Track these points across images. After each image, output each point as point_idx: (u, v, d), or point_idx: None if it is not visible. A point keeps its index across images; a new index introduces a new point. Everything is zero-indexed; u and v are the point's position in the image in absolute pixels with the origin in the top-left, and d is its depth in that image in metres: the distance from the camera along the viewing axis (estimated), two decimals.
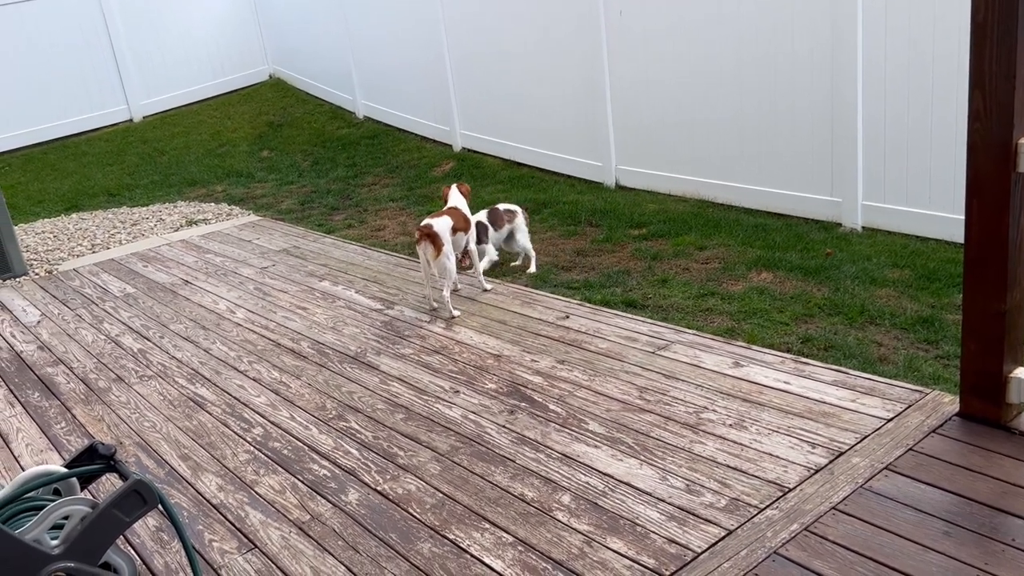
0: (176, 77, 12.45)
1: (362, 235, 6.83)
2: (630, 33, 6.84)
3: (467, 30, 8.62)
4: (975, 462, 2.72)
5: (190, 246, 6.83)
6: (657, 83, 6.76)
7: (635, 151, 7.12)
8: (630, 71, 6.93)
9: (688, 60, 6.46)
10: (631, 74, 6.94)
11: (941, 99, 5.02)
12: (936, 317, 4.26)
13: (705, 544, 2.53)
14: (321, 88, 11.98)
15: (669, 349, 3.86)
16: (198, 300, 5.43)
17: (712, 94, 6.36)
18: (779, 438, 3.03)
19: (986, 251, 2.74)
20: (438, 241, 4.54)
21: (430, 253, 4.56)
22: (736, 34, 6.07)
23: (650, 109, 6.88)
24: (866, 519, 2.52)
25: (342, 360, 4.21)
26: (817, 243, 5.44)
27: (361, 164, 9.42)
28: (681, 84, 6.57)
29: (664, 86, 6.71)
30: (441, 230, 4.57)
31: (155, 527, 2.98)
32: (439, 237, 4.55)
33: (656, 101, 6.82)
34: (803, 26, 5.65)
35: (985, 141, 2.64)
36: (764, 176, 6.15)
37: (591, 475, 2.96)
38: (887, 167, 5.43)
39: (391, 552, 2.68)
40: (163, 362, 4.48)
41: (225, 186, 9.21)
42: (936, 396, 3.14)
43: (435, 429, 3.42)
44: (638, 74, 6.89)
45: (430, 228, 4.55)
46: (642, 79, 6.87)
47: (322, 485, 3.12)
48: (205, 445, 3.53)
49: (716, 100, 6.35)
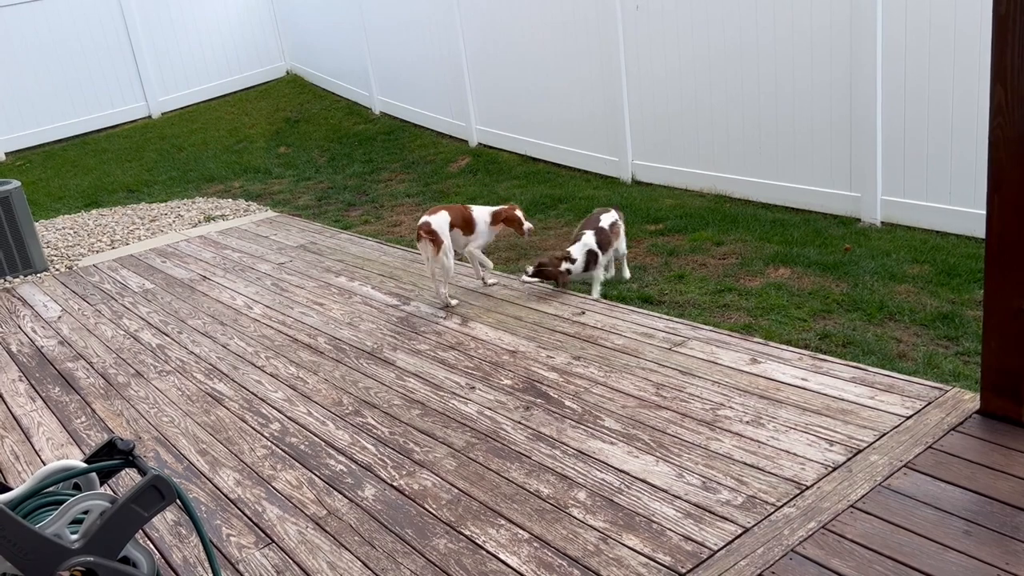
0: (194, 74, 12.53)
1: (378, 231, 6.84)
2: (646, 27, 6.80)
3: (483, 24, 8.60)
4: (996, 460, 2.69)
5: (208, 242, 6.87)
6: (674, 78, 6.72)
7: (651, 146, 7.09)
8: (646, 65, 6.90)
9: (705, 55, 6.41)
10: (647, 68, 6.90)
11: (963, 92, 4.96)
12: (956, 313, 4.21)
13: (722, 542, 2.52)
14: (338, 84, 12.01)
15: (685, 345, 3.85)
16: (216, 296, 5.46)
17: (729, 89, 6.32)
18: (797, 435, 3.01)
19: (1007, 247, 2.70)
20: (437, 239, 4.55)
21: (430, 251, 4.57)
22: (754, 31, 6.02)
23: (666, 104, 6.84)
24: (885, 517, 2.50)
25: (358, 356, 4.23)
26: (836, 238, 5.40)
27: (377, 160, 9.43)
28: (697, 79, 6.53)
29: (680, 81, 6.67)
30: (439, 227, 4.57)
31: (173, 521, 3.00)
32: (438, 235, 4.55)
33: (672, 95, 6.78)
34: (822, 20, 5.60)
35: (1007, 135, 2.61)
36: (782, 171, 6.10)
37: (607, 472, 2.95)
38: (907, 161, 5.37)
39: (407, 548, 2.69)
40: (181, 357, 4.52)
41: (242, 182, 9.26)
42: (956, 393, 3.11)
43: (451, 425, 3.42)
44: (654, 68, 6.85)
45: (428, 226, 4.55)
46: (659, 73, 6.83)
47: (339, 480, 3.13)
48: (223, 440, 3.55)
49: (733, 94, 6.30)
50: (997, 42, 2.56)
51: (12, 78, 11.04)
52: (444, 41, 9.12)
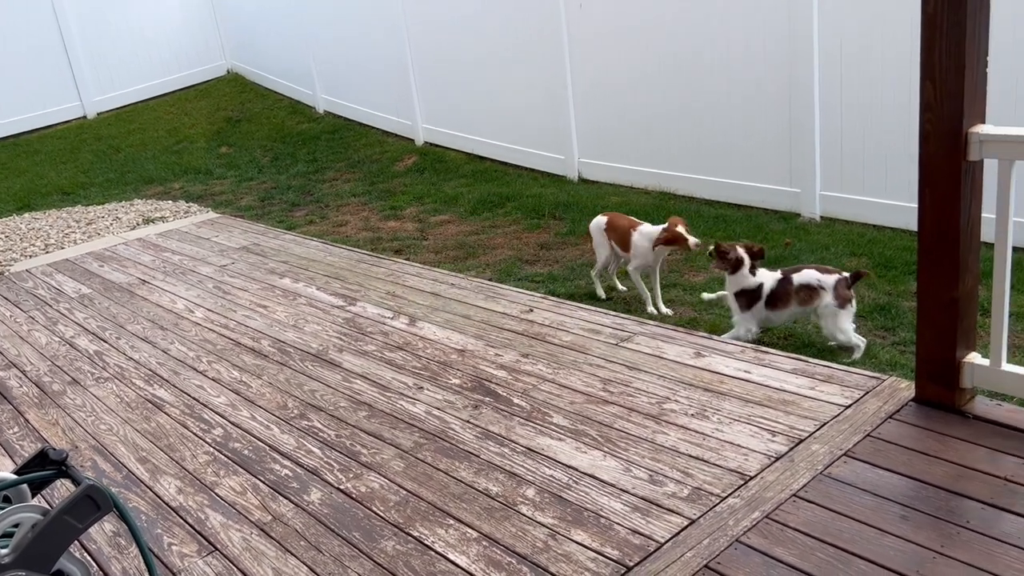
0: (131, 73, 12.21)
1: (323, 231, 6.76)
2: (591, 26, 6.85)
3: (428, 22, 8.56)
4: (931, 446, 2.77)
5: (147, 245, 6.70)
6: (619, 77, 6.77)
7: (597, 144, 7.14)
8: (591, 64, 6.94)
9: (650, 55, 6.48)
10: (592, 67, 6.94)
11: (896, 89, 5.10)
12: (893, 304, 4.33)
13: (668, 534, 2.54)
14: (280, 83, 11.83)
15: (632, 341, 3.88)
16: (156, 300, 5.33)
17: (671, 87, 6.39)
18: (740, 427, 3.05)
19: (938, 239, 2.78)
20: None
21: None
22: (695, 29, 6.10)
23: (612, 102, 6.90)
24: (826, 505, 2.56)
25: (303, 358, 4.17)
26: (776, 233, 5.50)
27: (322, 159, 9.32)
28: (642, 78, 6.59)
29: (626, 80, 6.73)
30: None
31: (112, 532, 2.92)
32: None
33: (618, 94, 6.83)
34: (761, 19, 5.70)
35: (936, 131, 2.68)
36: (724, 168, 6.20)
37: (555, 468, 2.96)
38: (844, 157, 5.50)
39: (354, 551, 2.66)
40: (120, 363, 4.39)
41: (183, 183, 9.06)
42: (893, 382, 3.19)
43: (398, 426, 3.39)
44: (599, 67, 6.90)
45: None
46: (604, 72, 6.88)
47: (284, 485, 3.08)
48: (164, 447, 3.46)
49: (678, 93, 6.38)
50: (925, 40, 2.63)
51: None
52: (389, 39, 9.05)
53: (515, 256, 5.72)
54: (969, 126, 2.64)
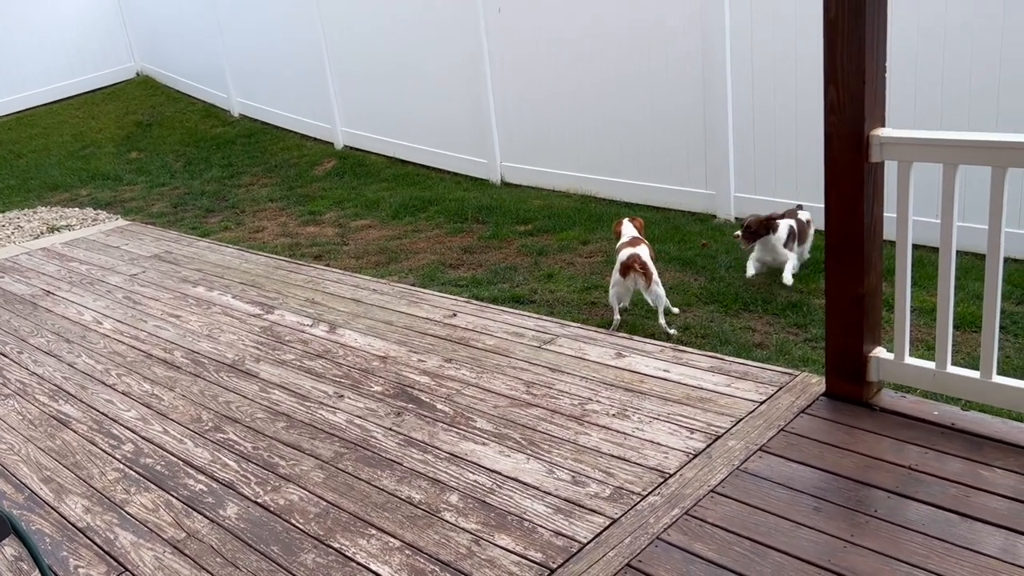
0: (31, 75, 11.66)
1: (239, 237, 6.58)
2: (510, 31, 6.87)
3: (344, 25, 8.44)
4: (841, 439, 2.86)
5: (52, 254, 6.40)
6: (539, 82, 6.81)
7: (519, 148, 7.16)
8: (511, 68, 6.96)
9: (567, 60, 6.54)
10: (512, 71, 6.97)
11: (805, 93, 5.28)
12: (804, 302, 4.47)
13: (591, 534, 2.55)
14: (193, 85, 11.49)
15: (555, 343, 3.89)
16: (61, 311, 5.09)
17: (594, 94, 6.47)
18: (660, 425, 3.10)
19: (844, 237, 2.88)
20: (647, 270, 4.26)
21: (641, 283, 4.26)
22: (614, 40, 6.19)
23: (533, 107, 6.93)
24: (742, 500, 2.61)
25: (219, 369, 4.04)
26: (693, 235, 5.62)
27: (237, 164, 9.09)
28: (562, 83, 6.64)
29: (546, 84, 6.77)
30: (647, 259, 4.31)
31: (14, 557, 2.76)
32: (648, 266, 4.27)
33: (539, 99, 6.87)
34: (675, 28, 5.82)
35: (840, 133, 2.78)
36: (643, 171, 6.30)
37: (479, 473, 2.94)
38: (757, 160, 5.66)
39: (273, 565, 2.58)
40: (22, 379, 4.18)
41: (90, 190, 8.70)
42: (804, 378, 3.29)
43: (318, 436, 3.32)
44: (519, 72, 6.92)
45: (639, 258, 4.26)
46: (523, 77, 6.91)
47: (198, 500, 2.97)
48: (70, 465, 3.31)
49: (598, 100, 6.46)
50: (828, 45, 2.73)
51: None
52: (304, 41, 8.89)
53: (438, 260, 5.68)
54: (870, 129, 2.74)
